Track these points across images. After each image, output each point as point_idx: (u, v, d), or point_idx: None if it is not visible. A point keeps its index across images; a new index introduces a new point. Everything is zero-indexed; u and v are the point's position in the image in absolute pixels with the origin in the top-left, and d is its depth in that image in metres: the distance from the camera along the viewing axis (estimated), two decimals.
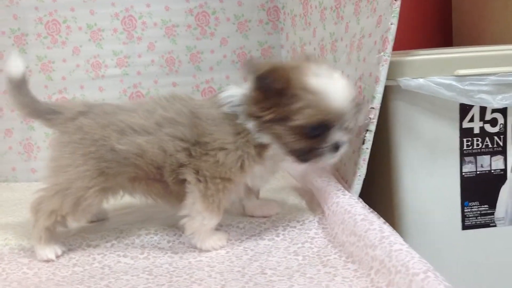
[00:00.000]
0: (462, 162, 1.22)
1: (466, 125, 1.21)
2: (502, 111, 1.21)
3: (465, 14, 1.90)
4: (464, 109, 1.20)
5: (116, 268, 1.01)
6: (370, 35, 1.19)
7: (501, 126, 1.22)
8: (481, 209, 1.24)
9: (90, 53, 1.84)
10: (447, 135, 1.21)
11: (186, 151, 1.04)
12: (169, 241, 1.11)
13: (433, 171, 1.22)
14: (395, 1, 1.06)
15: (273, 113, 0.99)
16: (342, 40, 1.39)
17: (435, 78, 1.15)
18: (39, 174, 1.13)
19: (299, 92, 0.96)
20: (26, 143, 1.84)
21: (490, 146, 1.22)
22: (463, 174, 1.23)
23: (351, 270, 0.91)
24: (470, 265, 1.25)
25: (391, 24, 1.07)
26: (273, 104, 0.98)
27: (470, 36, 1.85)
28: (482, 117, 1.21)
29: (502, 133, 1.22)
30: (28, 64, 1.81)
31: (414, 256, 0.81)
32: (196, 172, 1.04)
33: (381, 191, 1.31)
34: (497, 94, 1.15)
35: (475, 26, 1.82)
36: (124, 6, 1.84)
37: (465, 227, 1.24)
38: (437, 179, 1.22)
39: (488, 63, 1.17)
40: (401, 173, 1.22)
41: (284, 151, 1.02)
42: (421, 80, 1.15)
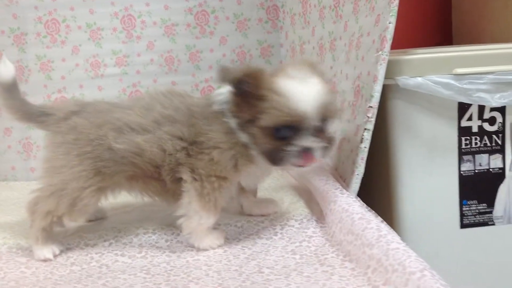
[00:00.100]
0: (461, 161, 1.22)
1: (465, 123, 1.21)
2: (500, 109, 1.21)
3: (465, 13, 1.89)
4: (463, 107, 1.20)
5: (114, 267, 1.01)
6: (368, 34, 1.19)
7: (499, 124, 1.22)
8: (479, 207, 1.24)
9: (90, 52, 1.84)
10: (445, 134, 1.21)
11: (185, 150, 1.04)
12: (167, 240, 1.11)
13: (431, 169, 1.22)
14: (394, 0, 1.06)
15: (247, 114, 0.99)
16: (341, 39, 1.39)
17: (433, 77, 1.15)
18: (38, 173, 1.13)
19: (267, 93, 0.96)
20: (25, 142, 1.84)
21: (489, 144, 1.22)
22: (461, 172, 1.22)
23: (348, 269, 0.91)
24: (469, 264, 1.25)
25: (389, 23, 1.07)
26: (247, 106, 0.99)
27: (470, 36, 1.85)
28: (480, 116, 1.21)
29: (501, 132, 1.22)
30: (27, 64, 1.81)
31: (411, 255, 0.81)
32: (192, 171, 1.03)
33: (379, 190, 1.31)
34: (496, 93, 1.15)
35: (475, 25, 1.82)
36: (124, 5, 1.84)
37: (463, 225, 1.24)
38: (435, 177, 1.22)
39: (487, 61, 1.17)
40: (399, 172, 1.22)
41: (257, 152, 1.02)
42: (419, 79, 1.15)
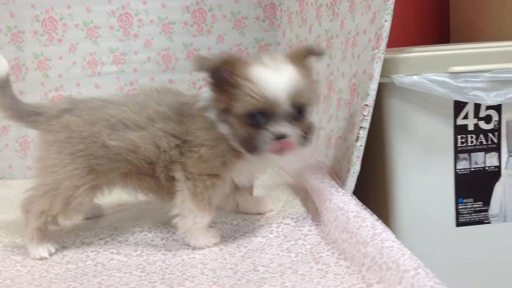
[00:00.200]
0: (456, 159, 1.22)
1: (460, 122, 1.21)
2: (496, 108, 1.21)
3: (462, 12, 1.89)
4: (458, 106, 1.20)
5: (109, 266, 1.02)
6: (364, 32, 1.19)
7: (495, 123, 1.22)
8: (475, 206, 1.24)
9: (87, 50, 1.84)
10: (441, 132, 1.21)
11: (178, 148, 1.04)
12: (162, 238, 1.11)
13: (427, 168, 1.22)
14: None
15: (223, 103, 1.00)
16: (337, 37, 1.39)
17: (429, 75, 1.15)
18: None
19: (240, 81, 0.97)
20: (23, 140, 1.84)
21: (485, 143, 1.22)
22: (457, 171, 1.23)
23: (343, 267, 0.91)
24: (464, 262, 1.25)
25: (385, 21, 1.07)
26: (223, 94, 0.99)
27: (468, 35, 1.85)
28: (476, 114, 1.21)
29: (497, 130, 1.22)
30: (24, 62, 1.81)
31: (405, 253, 0.81)
32: (185, 169, 1.04)
33: (375, 188, 1.31)
34: (491, 91, 1.15)
35: (472, 24, 1.82)
36: (121, 4, 1.84)
37: (459, 224, 1.24)
38: (431, 176, 1.22)
39: (482, 60, 1.16)
40: (395, 170, 1.22)
41: (236, 142, 1.02)
42: (415, 77, 1.15)
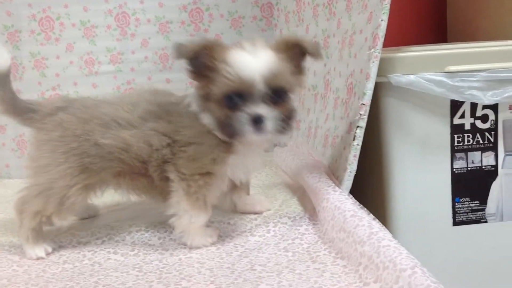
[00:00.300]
0: (453, 158, 1.22)
1: (457, 121, 1.21)
2: (493, 107, 1.21)
3: (459, 11, 1.90)
4: (455, 105, 1.20)
5: (106, 265, 1.01)
6: (361, 31, 1.19)
7: (492, 122, 1.22)
8: (472, 205, 1.24)
9: (84, 49, 1.84)
10: (438, 132, 1.21)
11: (169, 147, 1.04)
12: (159, 238, 1.11)
13: (424, 167, 1.22)
14: None
15: (203, 89, 1.01)
16: (334, 36, 1.39)
17: (425, 75, 1.15)
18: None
19: (218, 64, 0.98)
20: (20, 139, 1.83)
21: (481, 142, 1.22)
22: (454, 170, 1.23)
23: (340, 266, 0.91)
24: (461, 261, 1.25)
25: (381, 20, 1.07)
26: (203, 80, 1.01)
27: (465, 33, 1.85)
28: (473, 114, 1.21)
29: (493, 129, 1.22)
30: (21, 61, 1.81)
31: (401, 252, 0.81)
32: (177, 170, 1.04)
33: (372, 187, 1.31)
34: (488, 91, 1.15)
35: (469, 23, 1.82)
36: (118, 3, 1.83)
37: (456, 223, 1.25)
38: (428, 175, 1.23)
39: (479, 59, 1.17)
40: (392, 170, 1.22)
41: (216, 128, 1.02)
42: (411, 77, 1.15)
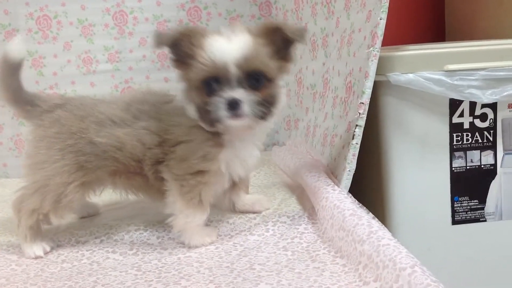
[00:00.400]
0: (452, 157, 1.22)
1: (456, 120, 1.21)
2: (491, 106, 1.21)
3: (458, 11, 1.90)
4: (454, 104, 1.20)
5: (105, 264, 1.01)
6: (360, 30, 1.19)
7: (490, 121, 1.22)
8: (471, 204, 1.24)
9: (81, 48, 1.83)
10: (437, 130, 1.21)
11: (161, 146, 1.04)
12: (158, 237, 1.11)
13: (423, 166, 1.22)
14: None
15: (184, 76, 1.02)
16: (333, 35, 1.39)
17: (424, 73, 1.15)
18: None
19: (196, 50, 0.98)
20: (17, 139, 1.83)
21: (480, 141, 1.22)
22: (453, 169, 1.23)
23: (340, 265, 0.91)
24: (460, 260, 1.25)
25: (380, 19, 1.07)
26: (184, 68, 1.01)
27: (463, 32, 1.85)
28: (471, 112, 1.21)
29: (492, 128, 1.22)
30: None
31: (401, 251, 0.81)
32: (170, 170, 1.04)
33: (371, 186, 1.31)
34: (487, 89, 1.15)
35: (468, 22, 1.82)
36: (115, 1, 1.83)
37: (455, 222, 1.25)
38: (427, 174, 1.22)
39: (478, 58, 1.17)
40: (391, 168, 1.22)
41: (197, 117, 1.02)
42: (410, 75, 1.15)
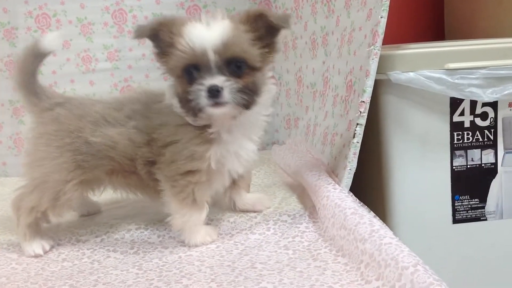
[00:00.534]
0: (453, 156, 1.22)
1: (457, 119, 1.21)
2: (492, 104, 1.21)
3: (457, 9, 1.89)
4: (455, 102, 1.20)
5: (106, 263, 1.01)
6: (360, 28, 1.19)
7: (491, 120, 1.22)
8: (471, 203, 1.24)
9: (81, 46, 1.83)
10: (437, 129, 1.21)
11: (149, 145, 1.04)
12: (159, 236, 1.11)
13: (423, 164, 1.22)
14: None
15: (164, 66, 1.01)
16: (333, 33, 1.39)
17: (425, 72, 1.14)
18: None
19: (175, 38, 0.97)
20: (17, 137, 1.83)
21: (481, 140, 1.22)
22: (453, 167, 1.23)
23: (341, 264, 0.91)
24: (461, 259, 1.25)
25: (381, 17, 1.07)
26: (165, 57, 0.99)
27: (462, 32, 1.85)
28: (472, 111, 1.21)
29: (493, 127, 1.22)
30: (17, 58, 1.80)
31: (403, 250, 0.81)
32: (162, 172, 1.04)
33: (371, 185, 1.31)
34: (487, 88, 1.15)
35: (467, 21, 1.82)
36: (115, 0, 1.82)
37: (455, 221, 1.24)
38: (427, 172, 1.22)
39: (478, 56, 1.17)
40: (391, 167, 1.22)
41: (179, 106, 1.01)
42: (411, 74, 1.14)
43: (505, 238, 1.26)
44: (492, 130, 1.22)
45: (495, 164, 1.24)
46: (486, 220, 1.25)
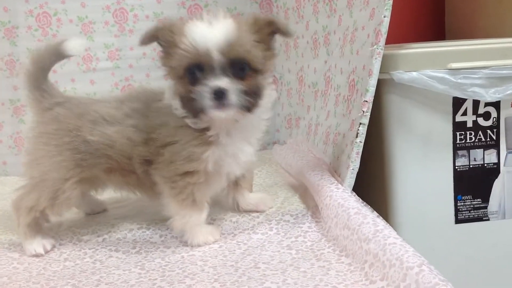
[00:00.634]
0: (455, 156, 1.22)
1: (459, 118, 1.20)
2: (495, 104, 1.21)
3: (457, 9, 1.89)
4: (457, 102, 1.19)
5: (108, 263, 1.01)
6: (363, 28, 1.18)
7: (494, 119, 1.22)
8: (474, 203, 1.24)
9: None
10: (440, 129, 1.20)
11: (147, 143, 1.04)
12: (161, 236, 1.10)
13: (426, 164, 1.22)
14: None
15: (166, 66, 1.00)
16: (335, 33, 1.39)
17: (428, 72, 1.14)
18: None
19: (177, 38, 0.96)
20: (17, 136, 1.82)
21: (483, 139, 1.22)
22: (456, 167, 1.22)
23: (345, 264, 0.91)
24: (463, 259, 1.25)
25: (384, 16, 1.07)
26: (169, 58, 0.98)
27: (463, 31, 1.85)
28: (475, 111, 1.21)
29: (495, 127, 1.22)
30: (18, 57, 1.80)
31: (408, 250, 0.81)
32: (159, 173, 1.04)
33: (374, 184, 1.30)
34: (490, 88, 1.15)
35: (467, 21, 1.82)
36: None
37: (458, 221, 1.24)
38: (430, 172, 1.22)
39: (481, 56, 1.16)
40: (394, 167, 1.22)
41: (181, 107, 1.00)
42: (414, 74, 1.14)
43: (508, 238, 1.26)
44: (495, 130, 1.22)
45: (498, 164, 1.24)
46: (488, 220, 1.25)
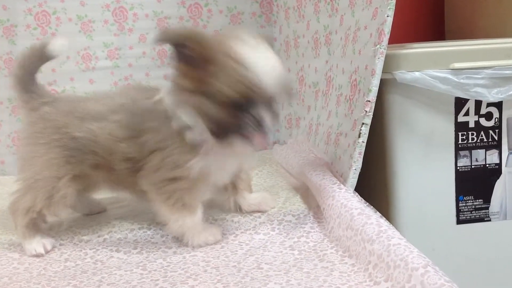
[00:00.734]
0: (457, 156, 1.22)
1: (462, 119, 1.20)
2: (497, 105, 1.20)
3: (457, 9, 1.89)
4: (460, 102, 1.19)
5: (109, 263, 1.00)
6: (365, 27, 1.18)
7: (496, 120, 1.21)
8: (475, 203, 1.24)
9: (81, 44, 1.81)
10: (442, 129, 1.20)
11: (128, 140, 1.02)
12: (162, 236, 1.10)
13: (428, 165, 1.21)
14: None
15: (191, 81, 0.92)
16: (336, 33, 1.38)
17: (430, 72, 1.14)
18: None
19: (219, 57, 0.90)
20: (15, 136, 1.81)
21: (485, 140, 1.22)
22: (458, 168, 1.22)
23: (349, 265, 0.90)
24: (465, 260, 1.25)
25: (387, 16, 1.06)
26: (192, 71, 0.92)
27: (463, 31, 1.85)
28: (477, 111, 1.21)
29: (497, 127, 1.22)
30: (17, 56, 1.78)
31: (413, 251, 0.80)
32: (146, 180, 1.03)
33: (376, 184, 1.30)
34: (493, 88, 1.15)
35: (467, 21, 1.82)
36: None
37: (459, 221, 1.24)
38: (432, 173, 1.22)
39: (484, 56, 1.16)
40: (396, 167, 1.22)
41: (204, 126, 0.95)
42: (416, 74, 1.14)
43: (509, 239, 1.26)
44: (497, 131, 1.22)
45: (499, 164, 1.23)
46: (490, 220, 1.25)
